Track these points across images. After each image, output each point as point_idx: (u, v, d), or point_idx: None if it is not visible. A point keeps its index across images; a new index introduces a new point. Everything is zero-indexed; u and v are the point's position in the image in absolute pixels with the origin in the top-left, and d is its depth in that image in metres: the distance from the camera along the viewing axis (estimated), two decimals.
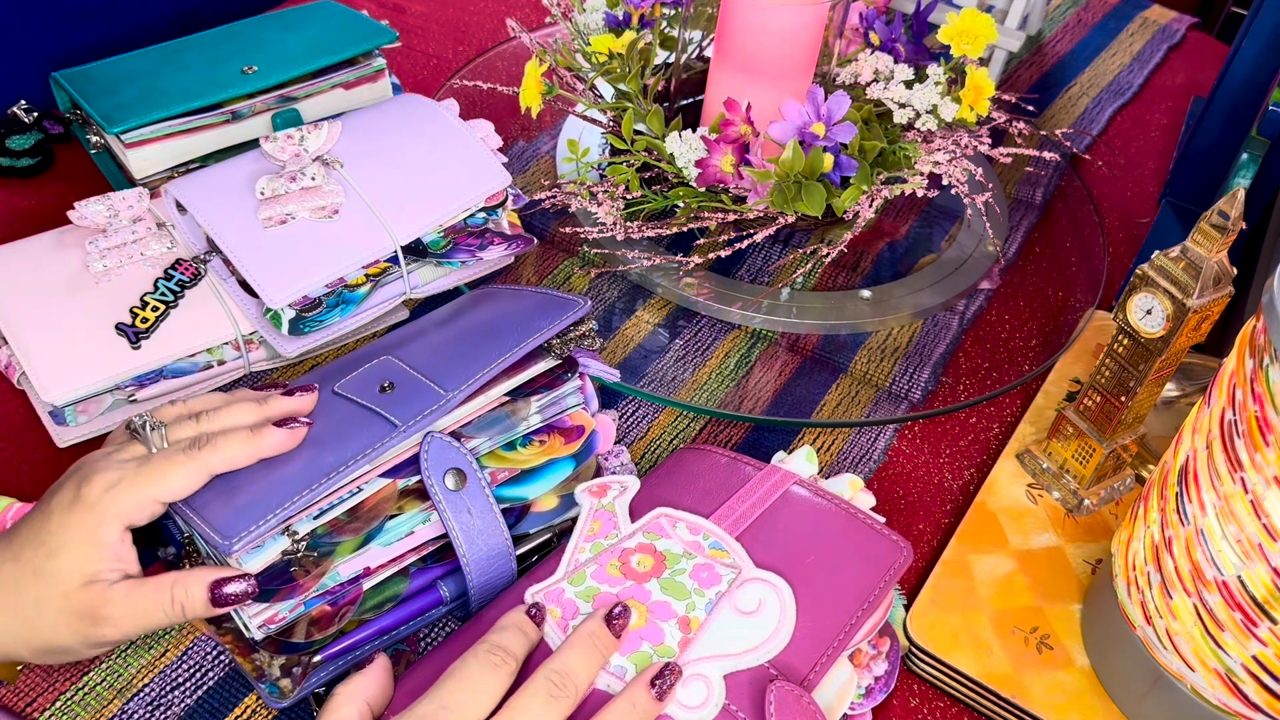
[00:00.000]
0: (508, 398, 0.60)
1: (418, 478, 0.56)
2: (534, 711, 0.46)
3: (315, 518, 0.53)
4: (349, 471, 0.53)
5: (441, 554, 0.58)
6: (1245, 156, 0.86)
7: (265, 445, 0.53)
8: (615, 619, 0.50)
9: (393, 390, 0.57)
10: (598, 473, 0.63)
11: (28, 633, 0.50)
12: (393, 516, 0.55)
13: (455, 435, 0.58)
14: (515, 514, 0.59)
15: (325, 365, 0.62)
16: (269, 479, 0.52)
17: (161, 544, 0.58)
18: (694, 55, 0.86)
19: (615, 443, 0.66)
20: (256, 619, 0.52)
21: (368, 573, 0.55)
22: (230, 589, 0.50)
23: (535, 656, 0.50)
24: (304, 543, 0.52)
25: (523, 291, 0.67)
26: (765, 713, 0.48)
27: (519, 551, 0.58)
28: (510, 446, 0.60)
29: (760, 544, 0.55)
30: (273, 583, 0.52)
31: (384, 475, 0.55)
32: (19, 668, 0.55)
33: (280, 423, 0.54)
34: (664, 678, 0.48)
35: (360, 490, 0.54)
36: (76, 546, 0.49)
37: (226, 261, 0.68)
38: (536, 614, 0.51)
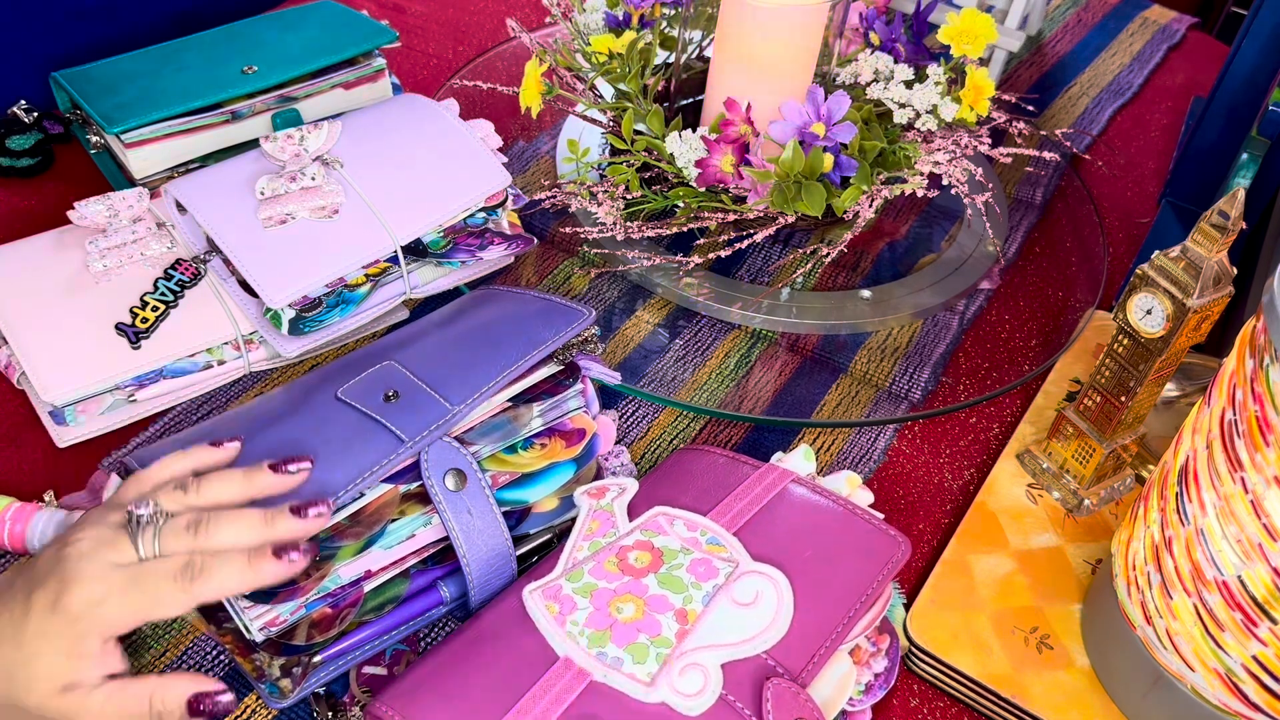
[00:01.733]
0: (510, 404, 0.60)
1: (419, 482, 0.56)
2: None
3: None
4: (358, 490, 0.53)
5: (442, 555, 0.58)
6: (1245, 156, 0.86)
7: (261, 578, 0.49)
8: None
9: (397, 400, 0.57)
10: (598, 474, 0.63)
11: (11, 715, 0.48)
12: (394, 520, 0.55)
13: (457, 440, 0.58)
14: (516, 515, 0.59)
15: (326, 365, 0.62)
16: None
17: None
18: (694, 55, 0.86)
19: (615, 443, 0.66)
20: (257, 621, 0.52)
21: (369, 575, 0.55)
22: (208, 705, 0.48)
23: (535, 654, 0.50)
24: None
25: (526, 295, 0.67)
26: (763, 709, 0.48)
27: (519, 552, 0.58)
28: (512, 450, 0.60)
29: (758, 539, 0.55)
30: (274, 592, 0.51)
31: (386, 480, 0.55)
32: None
33: (280, 550, 0.50)
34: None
35: (363, 496, 0.54)
36: (54, 656, 0.47)
37: (226, 261, 0.68)
38: None
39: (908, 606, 0.60)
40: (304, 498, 0.52)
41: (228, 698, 0.49)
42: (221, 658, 0.57)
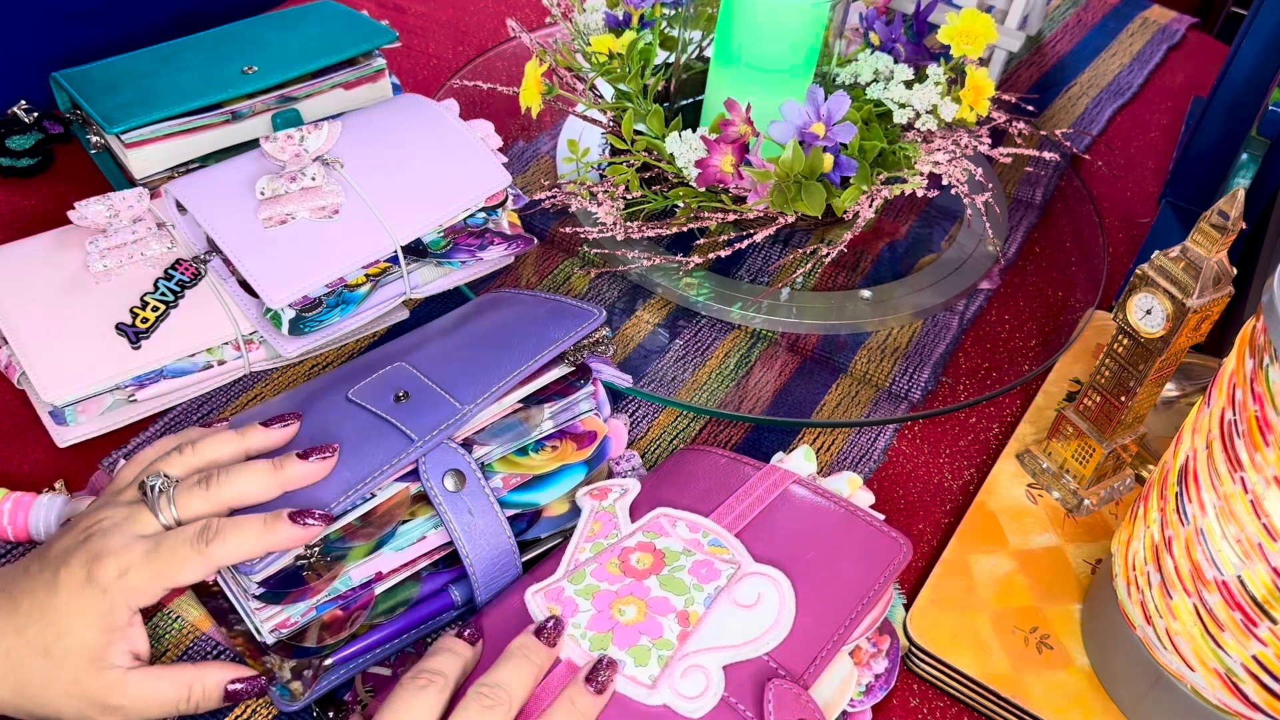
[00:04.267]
0: (521, 405, 0.60)
1: None
2: None
3: None
4: (367, 488, 0.53)
5: (452, 559, 0.57)
6: (1245, 156, 0.86)
7: (277, 540, 0.50)
8: (547, 631, 0.50)
9: (407, 400, 0.57)
10: (609, 478, 0.63)
11: (30, 707, 0.49)
12: (405, 521, 0.55)
13: (468, 442, 0.58)
14: (528, 519, 0.59)
15: (335, 370, 0.62)
16: (289, 498, 0.53)
17: None
18: (694, 55, 0.86)
19: (626, 446, 0.66)
20: (269, 623, 0.52)
21: (379, 577, 0.55)
22: (243, 688, 0.52)
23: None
24: (317, 548, 0.53)
25: (536, 297, 0.67)
26: (764, 710, 0.48)
27: (530, 556, 0.58)
28: (523, 452, 0.60)
29: (759, 541, 0.55)
30: (284, 586, 0.51)
31: (397, 480, 0.55)
32: None
33: (296, 514, 0.51)
34: (599, 672, 0.48)
35: (374, 496, 0.54)
36: (87, 631, 0.49)
37: (226, 261, 0.68)
38: (471, 634, 0.51)
39: (908, 607, 0.60)
40: (319, 499, 0.52)
41: (260, 681, 0.52)
42: (222, 658, 0.57)
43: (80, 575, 0.49)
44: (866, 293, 0.80)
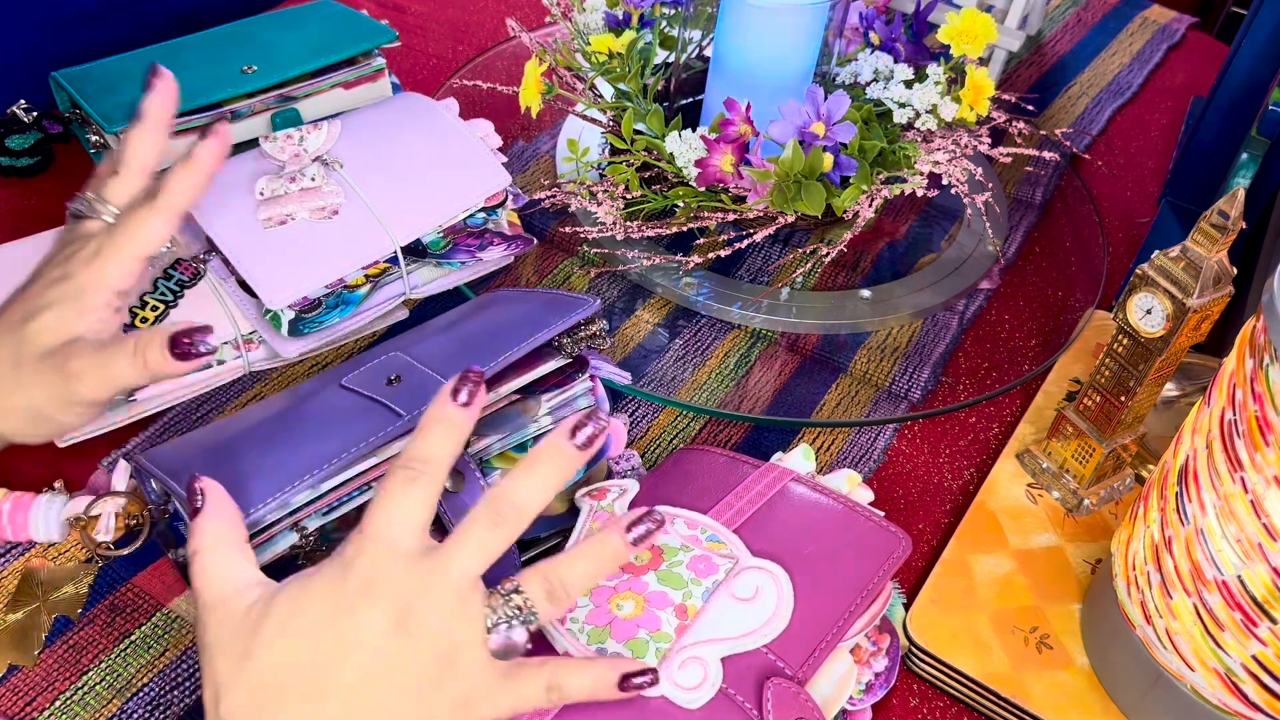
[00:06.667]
0: (518, 395, 0.60)
1: None
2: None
3: (324, 514, 0.53)
4: (351, 458, 0.53)
5: None
6: (1245, 156, 0.86)
7: (205, 165, 0.54)
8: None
9: (399, 383, 0.57)
10: (609, 477, 0.63)
11: (3, 397, 0.51)
12: None
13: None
14: None
15: (336, 367, 0.62)
16: (273, 465, 0.52)
17: (173, 547, 0.58)
18: (694, 55, 0.86)
19: (625, 446, 0.66)
20: None
21: None
22: (188, 340, 0.50)
23: (533, 651, 0.50)
24: (313, 536, 0.53)
25: (531, 292, 0.67)
26: (764, 708, 0.48)
27: (529, 555, 0.58)
28: (521, 449, 0.60)
29: (758, 536, 0.55)
30: (280, 576, 0.51)
31: None
32: (37, 651, 0.55)
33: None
34: (641, 523, 0.46)
35: (370, 487, 0.54)
36: (58, 307, 0.51)
37: (226, 261, 0.68)
38: (469, 395, 0.46)
39: (907, 606, 0.60)
40: (289, 470, 0.52)
41: (210, 337, 0.50)
42: None
43: (56, 273, 0.52)
44: (866, 292, 0.80)
